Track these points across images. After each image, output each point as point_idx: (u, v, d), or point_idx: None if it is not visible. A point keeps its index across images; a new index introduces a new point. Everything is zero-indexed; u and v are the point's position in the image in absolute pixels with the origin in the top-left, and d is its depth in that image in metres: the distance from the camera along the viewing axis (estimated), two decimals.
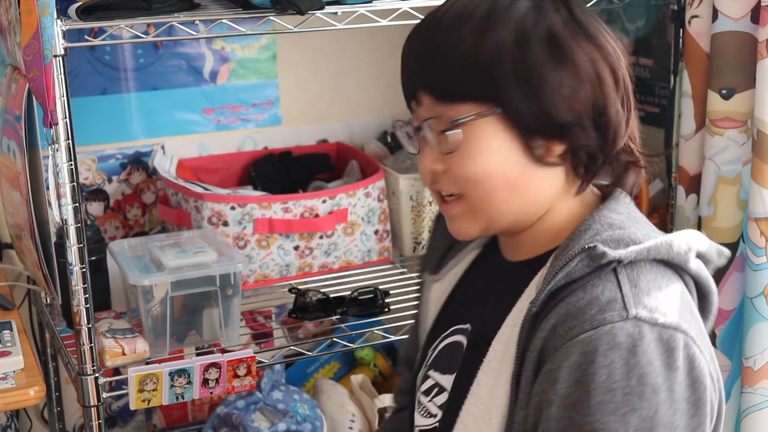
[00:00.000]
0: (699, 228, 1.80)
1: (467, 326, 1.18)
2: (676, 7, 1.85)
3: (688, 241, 1.07)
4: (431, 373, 1.21)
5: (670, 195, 1.91)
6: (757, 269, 1.67)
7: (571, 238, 1.06)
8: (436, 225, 1.31)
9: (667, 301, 1.01)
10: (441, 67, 1.04)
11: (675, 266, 1.07)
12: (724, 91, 1.72)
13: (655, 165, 1.18)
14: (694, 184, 1.83)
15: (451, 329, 1.22)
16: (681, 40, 1.85)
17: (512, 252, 1.16)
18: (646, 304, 0.99)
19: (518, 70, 1.02)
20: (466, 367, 1.14)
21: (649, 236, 1.05)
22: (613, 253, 1.01)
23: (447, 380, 1.17)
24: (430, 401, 1.19)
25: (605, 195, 1.14)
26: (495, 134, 1.05)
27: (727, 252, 1.15)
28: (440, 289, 1.29)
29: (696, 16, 1.77)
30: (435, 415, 1.18)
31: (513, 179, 1.06)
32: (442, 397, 1.17)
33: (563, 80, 1.03)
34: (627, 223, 1.07)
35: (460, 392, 1.11)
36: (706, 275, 1.11)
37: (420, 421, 1.21)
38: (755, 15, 1.66)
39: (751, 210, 1.67)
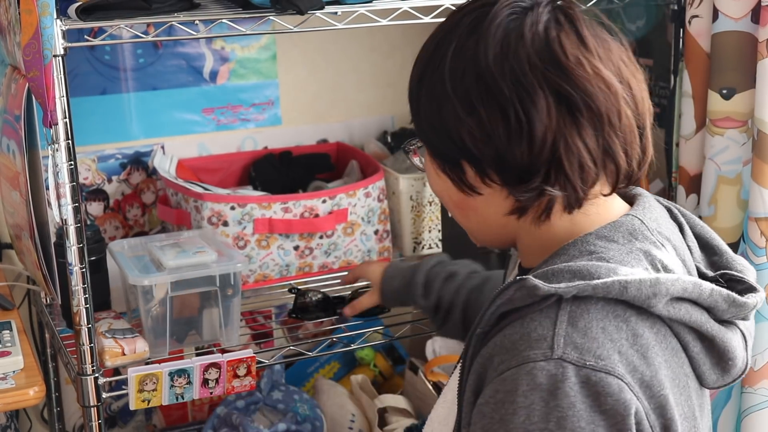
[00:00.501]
0: None
1: None
2: (676, 7, 1.85)
3: (663, 286, 0.99)
4: None
5: (671, 195, 1.91)
6: (758, 269, 1.67)
7: (545, 260, 1.05)
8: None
9: (607, 343, 0.96)
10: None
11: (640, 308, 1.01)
12: (724, 91, 1.72)
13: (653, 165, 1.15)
14: (694, 184, 1.83)
15: None
16: (681, 40, 1.84)
17: (523, 261, 1.18)
18: (578, 344, 0.94)
19: (430, 102, 1.08)
20: None
21: (617, 271, 0.99)
22: (547, 288, 0.97)
23: None
24: None
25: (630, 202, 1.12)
26: (429, 163, 1.13)
27: (741, 300, 1.07)
28: None
29: (696, 16, 1.77)
30: None
31: (458, 201, 1.12)
32: None
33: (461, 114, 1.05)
34: (611, 252, 1.02)
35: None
36: (693, 320, 1.03)
37: None
38: (755, 15, 1.66)
39: (752, 210, 1.67)
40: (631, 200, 1.14)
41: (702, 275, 1.12)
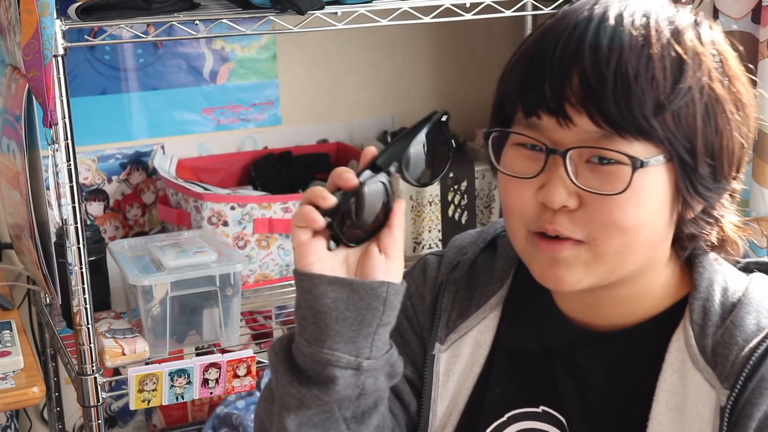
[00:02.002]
0: None
1: (540, 410, 1.02)
2: None
3: None
4: None
5: None
6: None
7: (704, 299, 0.96)
8: (440, 282, 1.10)
9: None
10: (624, 91, 0.87)
11: None
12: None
13: None
14: None
15: (507, 415, 1.03)
16: None
17: (596, 316, 1.00)
18: None
19: (707, 115, 0.90)
20: None
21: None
22: None
23: None
24: None
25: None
26: (660, 184, 0.90)
27: None
28: (455, 360, 1.06)
29: None
30: None
31: (657, 236, 0.93)
32: None
33: (739, 133, 0.93)
34: (730, 271, 1.00)
35: None
36: None
37: None
38: (756, 15, 1.66)
39: (752, 209, 1.67)
40: None
41: None
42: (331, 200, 0.89)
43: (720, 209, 0.96)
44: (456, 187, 2.02)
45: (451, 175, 2.03)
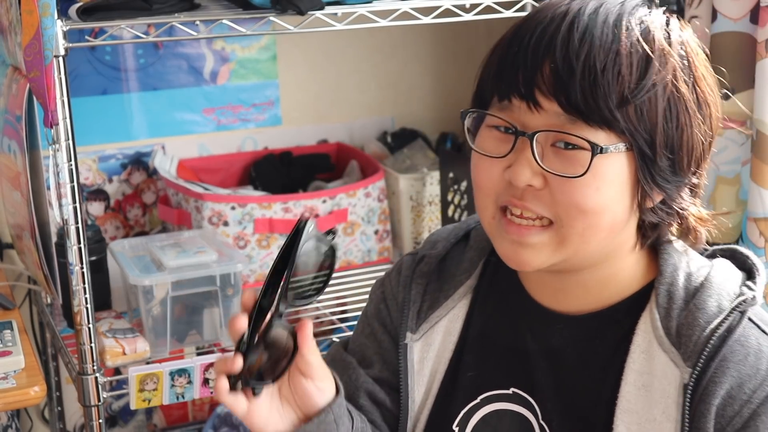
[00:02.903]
0: None
1: (511, 391, 1.07)
2: (675, 8, 1.85)
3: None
4: None
5: None
6: None
7: (669, 283, 1.01)
8: (408, 277, 1.14)
9: None
10: (592, 83, 0.92)
11: None
12: (723, 91, 1.72)
13: None
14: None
15: (480, 397, 1.08)
16: None
17: (565, 300, 1.05)
18: None
19: (669, 112, 0.95)
20: None
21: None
22: (756, 297, 1.00)
23: None
24: None
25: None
26: (620, 172, 0.95)
27: None
28: (427, 349, 1.11)
29: (695, 17, 1.77)
30: None
31: (618, 221, 0.98)
32: None
33: (700, 131, 0.97)
34: (695, 257, 1.06)
35: None
36: None
37: None
38: (754, 15, 1.66)
39: (751, 210, 1.67)
40: None
41: None
42: (238, 365, 0.92)
43: (680, 202, 1.01)
44: (456, 187, 2.03)
45: (451, 175, 2.03)
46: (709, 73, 1.01)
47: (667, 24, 0.98)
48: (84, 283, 1.51)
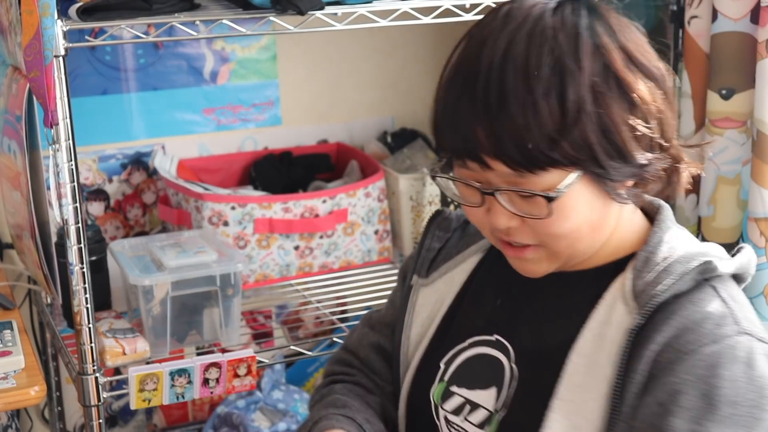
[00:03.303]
0: (698, 228, 1.80)
1: (494, 338, 1.15)
2: (675, 8, 1.85)
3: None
4: (455, 389, 1.16)
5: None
6: (757, 269, 1.67)
7: (650, 251, 1.07)
8: (429, 227, 1.30)
9: (754, 317, 1.05)
10: (520, 139, 0.98)
11: (740, 279, 1.12)
12: (723, 92, 1.72)
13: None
14: (693, 184, 1.83)
15: (469, 341, 1.18)
16: (680, 40, 1.85)
17: (563, 264, 1.13)
18: (749, 319, 1.03)
19: (600, 128, 0.99)
20: (525, 383, 1.10)
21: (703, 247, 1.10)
22: (722, 269, 1.05)
23: (482, 396, 1.13)
24: (464, 420, 1.14)
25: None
26: (581, 193, 1.03)
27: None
28: (432, 294, 1.25)
29: (695, 17, 1.77)
30: None
31: (599, 225, 1.07)
32: (479, 415, 1.13)
33: (636, 126, 1.02)
34: (688, 238, 1.11)
35: (525, 409, 1.08)
36: None
37: None
38: (755, 15, 1.66)
39: (751, 210, 1.67)
40: None
41: None
42: None
43: (649, 167, 1.04)
44: None
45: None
46: (632, 58, 1.03)
47: (576, 35, 1.00)
48: (84, 283, 1.51)
